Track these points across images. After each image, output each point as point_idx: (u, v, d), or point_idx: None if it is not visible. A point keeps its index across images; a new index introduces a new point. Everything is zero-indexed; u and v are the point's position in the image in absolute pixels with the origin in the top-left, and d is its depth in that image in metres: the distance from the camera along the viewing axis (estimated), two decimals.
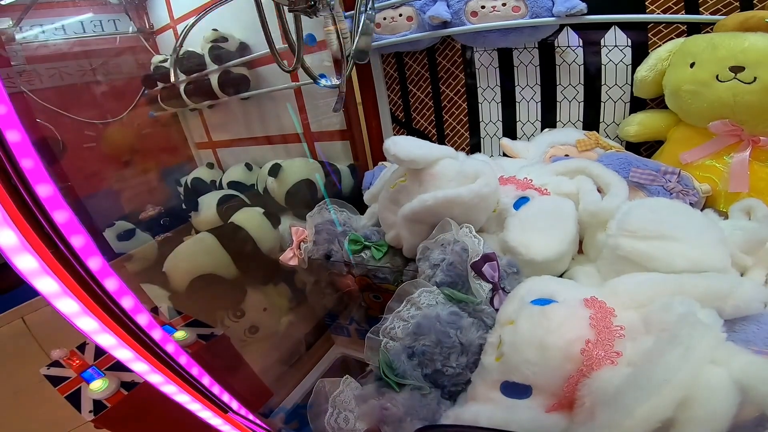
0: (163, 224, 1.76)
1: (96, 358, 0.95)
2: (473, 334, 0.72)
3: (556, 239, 0.84)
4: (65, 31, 1.63)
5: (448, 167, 0.93)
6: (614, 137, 1.23)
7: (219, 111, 2.01)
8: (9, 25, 1.44)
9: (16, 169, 0.41)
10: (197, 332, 1.03)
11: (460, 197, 0.86)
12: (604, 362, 0.56)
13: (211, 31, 1.68)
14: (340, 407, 0.70)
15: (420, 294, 0.78)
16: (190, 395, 0.58)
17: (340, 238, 1.12)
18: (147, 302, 1.18)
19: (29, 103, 1.52)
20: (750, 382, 0.47)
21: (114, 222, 1.64)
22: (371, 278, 1.10)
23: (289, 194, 1.59)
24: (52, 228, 0.43)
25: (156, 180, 1.96)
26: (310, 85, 1.44)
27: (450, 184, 0.91)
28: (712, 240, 0.72)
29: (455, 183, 0.91)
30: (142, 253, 1.60)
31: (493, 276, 0.78)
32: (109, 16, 1.76)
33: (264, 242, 1.45)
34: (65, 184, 1.47)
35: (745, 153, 0.92)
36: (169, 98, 1.86)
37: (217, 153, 2.17)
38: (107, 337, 0.47)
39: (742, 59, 0.86)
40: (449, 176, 0.92)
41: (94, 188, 1.71)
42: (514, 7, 1.13)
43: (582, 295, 0.66)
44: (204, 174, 2.00)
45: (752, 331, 0.60)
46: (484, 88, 1.39)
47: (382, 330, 0.76)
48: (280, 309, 1.48)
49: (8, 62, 1.47)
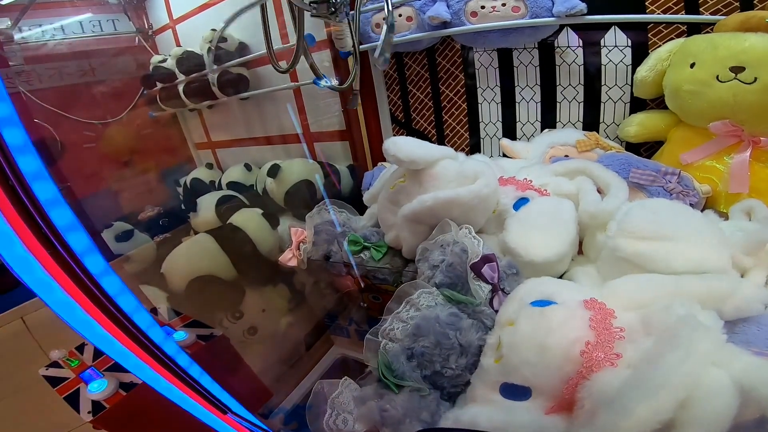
0: (162, 225, 1.75)
1: (95, 358, 0.95)
2: (472, 336, 0.72)
3: (556, 240, 0.83)
4: (64, 31, 1.63)
5: (448, 168, 0.93)
6: (614, 138, 1.23)
7: (218, 111, 2.00)
8: (7, 25, 1.44)
9: (14, 169, 0.41)
10: (196, 333, 1.03)
11: (460, 198, 0.86)
12: (603, 364, 0.56)
13: (210, 31, 1.67)
14: (339, 408, 0.70)
15: (419, 295, 0.77)
16: (190, 396, 0.58)
17: (340, 238, 1.11)
18: (146, 303, 1.18)
19: (28, 104, 1.52)
20: (750, 383, 0.47)
21: (112, 223, 1.64)
22: (371, 279, 1.09)
23: (289, 195, 1.58)
24: (51, 229, 0.43)
25: (155, 180, 1.95)
26: (309, 85, 1.44)
27: (450, 185, 0.91)
28: (712, 241, 0.72)
29: (455, 183, 0.91)
30: (141, 254, 1.60)
31: (493, 277, 0.78)
32: (108, 17, 1.76)
33: (263, 243, 1.45)
34: (64, 184, 1.47)
35: (746, 153, 0.92)
36: (168, 98, 1.85)
37: (217, 153, 2.17)
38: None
39: (742, 59, 0.86)
40: (449, 177, 0.92)
41: (92, 189, 1.70)
42: (514, 8, 1.13)
43: (582, 297, 0.66)
44: (203, 174, 2.00)
45: (752, 333, 0.60)
46: (483, 88, 1.39)
47: (382, 331, 0.76)
48: (279, 310, 1.48)
49: (7, 62, 1.47)
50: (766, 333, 0.59)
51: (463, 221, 0.88)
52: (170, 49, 1.81)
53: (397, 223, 0.97)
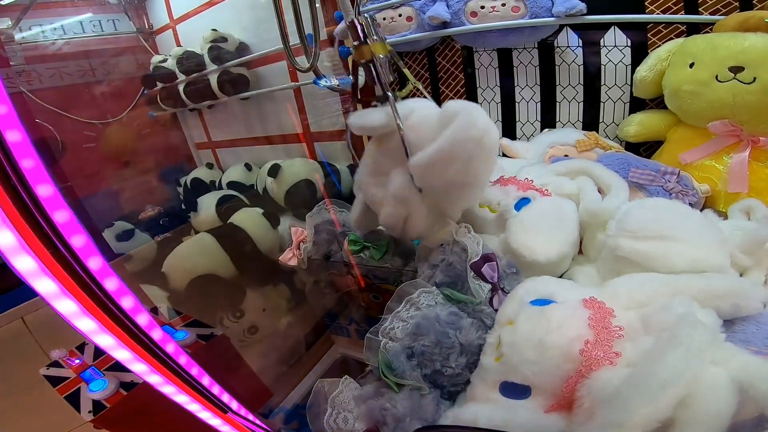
0: (163, 224, 1.75)
1: (95, 358, 0.95)
2: (472, 335, 0.72)
3: (558, 241, 0.84)
4: (65, 31, 1.63)
5: (425, 113, 0.79)
6: (614, 137, 1.23)
7: (218, 111, 2.01)
8: (8, 25, 1.44)
9: (15, 169, 0.41)
10: (197, 332, 1.03)
11: (441, 150, 0.71)
12: (603, 362, 0.56)
13: (210, 31, 1.68)
14: (339, 408, 0.70)
15: (419, 294, 0.78)
16: (190, 395, 0.58)
17: (340, 238, 1.11)
18: (146, 302, 1.18)
19: (28, 104, 1.52)
20: (749, 382, 0.47)
21: (113, 222, 1.64)
22: (371, 278, 1.10)
23: (289, 194, 1.59)
24: (52, 228, 0.43)
25: (155, 180, 1.96)
26: (309, 85, 1.44)
27: (435, 131, 0.74)
28: (711, 240, 0.72)
29: (440, 128, 0.73)
30: (142, 253, 1.60)
31: (493, 276, 0.78)
32: (109, 16, 1.76)
33: (263, 242, 1.45)
34: (65, 184, 1.47)
35: (745, 153, 0.92)
36: (168, 98, 1.86)
37: (217, 153, 2.17)
38: (106, 337, 0.47)
39: (741, 59, 0.86)
40: (431, 124, 0.76)
41: (93, 188, 1.71)
42: (514, 8, 1.13)
43: (581, 296, 0.66)
44: (203, 174, 2.00)
45: (751, 332, 0.60)
46: (483, 88, 1.39)
47: (382, 330, 0.76)
48: (280, 309, 1.48)
49: (7, 62, 1.47)
50: (764, 332, 0.59)
51: (468, 179, 0.75)
52: (170, 49, 1.82)
53: (387, 196, 0.85)
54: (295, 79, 1.64)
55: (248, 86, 1.74)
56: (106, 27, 1.75)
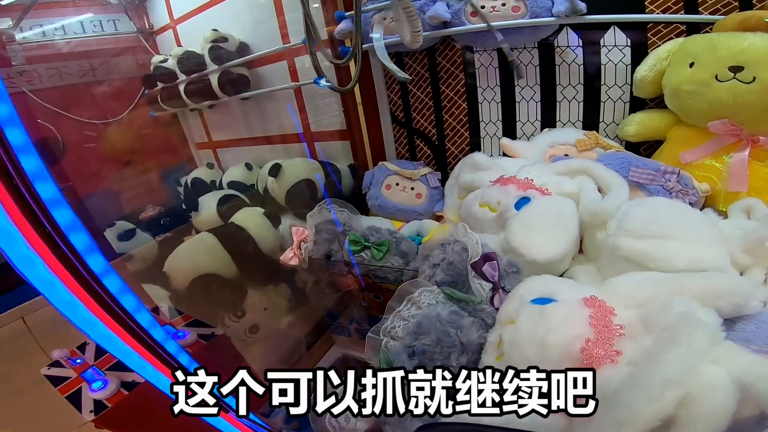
0: (164, 224, 1.75)
1: (96, 358, 0.95)
2: (473, 334, 0.72)
3: (558, 240, 0.84)
4: (65, 31, 1.63)
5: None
6: (614, 137, 1.24)
7: (219, 111, 2.01)
8: (9, 25, 1.44)
9: (17, 169, 0.41)
10: (198, 332, 1.03)
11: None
12: (603, 361, 0.56)
13: (211, 31, 1.68)
14: None
15: (420, 293, 0.78)
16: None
17: (341, 237, 1.12)
18: (148, 302, 1.18)
19: (29, 103, 1.52)
20: (749, 380, 0.47)
21: (114, 222, 1.64)
22: (371, 278, 1.10)
23: (290, 194, 1.59)
24: (53, 228, 0.43)
25: (156, 180, 1.96)
26: (310, 85, 1.44)
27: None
28: (711, 239, 0.72)
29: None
30: (143, 253, 1.60)
31: (493, 275, 0.78)
32: (109, 17, 1.76)
33: (264, 242, 1.45)
34: (66, 184, 1.47)
35: (745, 153, 0.93)
36: (169, 98, 1.86)
37: (217, 153, 2.17)
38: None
39: (741, 59, 0.87)
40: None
41: (94, 188, 1.71)
42: (514, 7, 1.13)
43: (582, 294, 0.66)
44: (204, 174, 2.00)
45: (751, 330, 0.60)
46: (484, 88, 1.39)
47: (383, 329, 0.76)
48: (281, 309, 1.48)
49: (8, 62, 1.47)
50: (764, 331, 0.59)
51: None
52: (171, 49, 1.82)
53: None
54: (296, 79, 1.64)
55: (249, 86, 1.74)
56: (107, 27, 1.75)
